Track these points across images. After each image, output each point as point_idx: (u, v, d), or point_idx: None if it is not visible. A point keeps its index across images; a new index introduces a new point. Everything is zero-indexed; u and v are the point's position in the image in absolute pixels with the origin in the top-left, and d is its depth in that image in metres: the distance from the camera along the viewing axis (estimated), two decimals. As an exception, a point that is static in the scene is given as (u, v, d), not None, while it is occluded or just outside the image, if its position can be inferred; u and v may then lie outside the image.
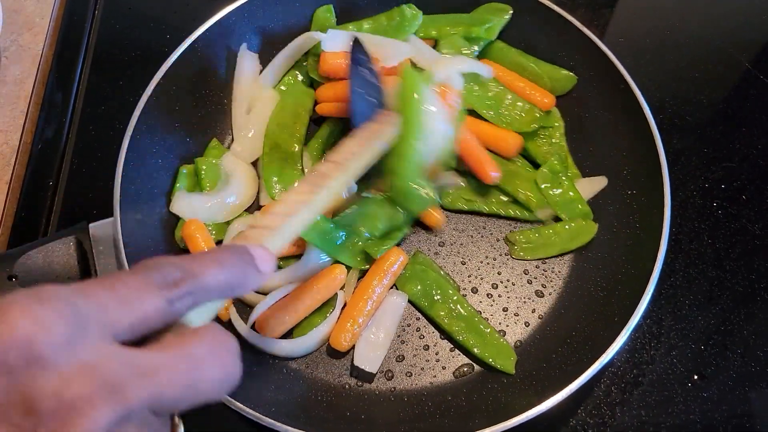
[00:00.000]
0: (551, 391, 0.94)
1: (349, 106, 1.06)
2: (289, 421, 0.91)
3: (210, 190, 1.15)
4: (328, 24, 1.28)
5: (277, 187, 1.16)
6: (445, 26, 1.27)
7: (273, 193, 1.15)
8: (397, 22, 1.25)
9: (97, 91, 1.33)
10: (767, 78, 1.41)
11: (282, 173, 1.17)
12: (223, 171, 1.17)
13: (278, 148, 1.19)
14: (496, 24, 1.27)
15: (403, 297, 1.10)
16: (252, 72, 1.26)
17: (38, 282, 0.95)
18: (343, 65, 1.18)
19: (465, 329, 1.06)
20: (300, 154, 1.21)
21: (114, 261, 1.00)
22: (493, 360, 1.04)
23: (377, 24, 1.27)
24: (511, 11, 1.28)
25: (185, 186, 1.15)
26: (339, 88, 1.19)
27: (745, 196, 1.27)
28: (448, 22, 1.27)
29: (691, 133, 1.33)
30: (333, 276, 1.07)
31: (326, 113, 1.22)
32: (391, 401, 1.03)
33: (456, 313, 1.07)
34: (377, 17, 1.28)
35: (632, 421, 1.06)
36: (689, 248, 1.21)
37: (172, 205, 1.11)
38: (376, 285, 1.08)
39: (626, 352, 1.11)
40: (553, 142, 1.23)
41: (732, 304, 1.16)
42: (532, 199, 1.17)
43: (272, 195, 1.15)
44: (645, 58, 1.42)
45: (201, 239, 1.08)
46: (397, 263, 1.10)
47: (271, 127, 1.20)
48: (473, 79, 1.21)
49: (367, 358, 1.04)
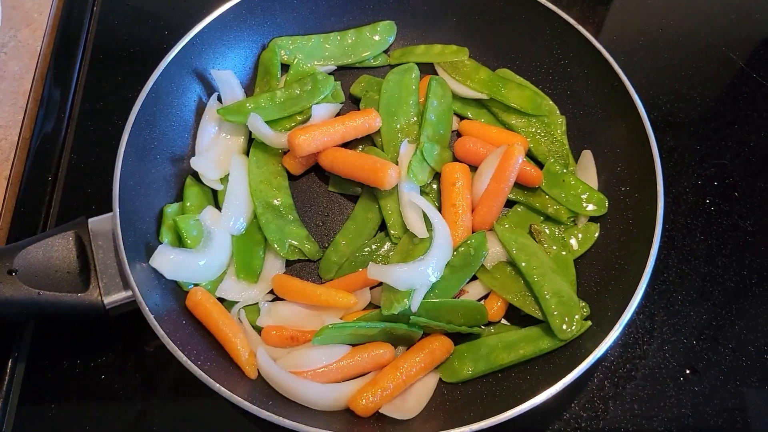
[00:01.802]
0: (545, 384, 0.95)
1: None
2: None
3: (193, 247, 1.10)
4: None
5: (287, 244, 1.14)
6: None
7: (285, 251, 1.14)
8: (309, 89, 1.25)
9: (96, 87, 1.33)
10: (759, 76, 1.42)
11: (284, 230, 1.15)
12: (205, 228, 1.12)
13: (269, 206, 1.17)
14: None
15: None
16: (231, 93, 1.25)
17: (38, 276, 0.97)
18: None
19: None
20: (291, 205, 1.20)
21: (113, 255, 1.01)
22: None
23: (290, 92, 1.25)
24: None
25: (169, 240, 1.10)
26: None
27: (737, 193, 1.28)
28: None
29: (684, 130, 1.35)
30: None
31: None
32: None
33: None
34: (290, 85, 1.26)
35: (625, 415, 1.07)
36: (682, 244, 1.22)
37: (153, 259, 1.04)
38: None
39: (619, 347, 1.13)
40: (555, 139, 1.24)
41: (724, 300, 1.17)
42: (561, 212, 1.18)
43: (285, 254, 1.14)
44: (639, 56, 1.43)
45: (209, 305, 1.06)
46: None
47: (254, 186, 1.18)
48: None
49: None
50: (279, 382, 1.00)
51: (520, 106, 1.25)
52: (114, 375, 1.06)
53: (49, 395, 1.05)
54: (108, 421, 1.04)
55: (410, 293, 1.03)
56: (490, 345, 1.06)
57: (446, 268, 1.08)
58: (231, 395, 0.92)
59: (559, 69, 1.29)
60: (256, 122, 1.17)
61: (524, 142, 1.22)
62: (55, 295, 0.97)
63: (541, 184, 1.19)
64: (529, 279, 1.08)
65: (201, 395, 1.04)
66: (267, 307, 1.09)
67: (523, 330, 1.08)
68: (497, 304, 1.10)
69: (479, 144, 1.20)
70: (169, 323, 0.98)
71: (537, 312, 1.07)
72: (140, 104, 1.11)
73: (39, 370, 1.07)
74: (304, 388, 1.00)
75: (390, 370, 1.03)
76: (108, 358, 1.08)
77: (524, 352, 1.04)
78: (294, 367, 1.02)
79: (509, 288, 1.11)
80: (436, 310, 1.06)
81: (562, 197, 1.18)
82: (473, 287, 1.13)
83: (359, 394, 0.99)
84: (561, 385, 0.94)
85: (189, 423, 1.05)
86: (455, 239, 1.11)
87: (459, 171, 1.17)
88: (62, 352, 1.08)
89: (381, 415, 1.00)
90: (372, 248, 1.16)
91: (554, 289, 1.06)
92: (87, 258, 1.01)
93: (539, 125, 1.25)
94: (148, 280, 1.03)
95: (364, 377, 1.04)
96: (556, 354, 1.04)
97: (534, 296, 1.08)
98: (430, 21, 1.34)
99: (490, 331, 1.10)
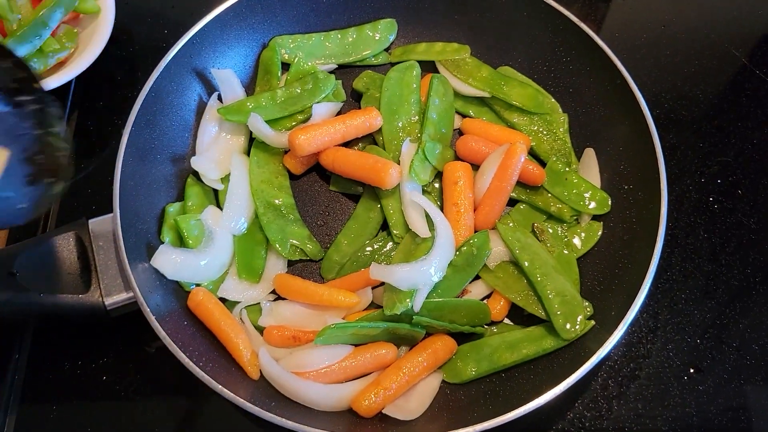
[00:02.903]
0: (549, 385, 0.95)
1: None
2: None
3: (195, 247, 1.10)
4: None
5: (289, 244, 1.14)
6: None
7: (287, 251, 1.13)
8: (310, 87, 1.24)
9: (96, 86, 1.33)
10: (763, 73, 1.42)
11: (285, 230, 1.15)
12: (206, 228, 1.11)
13: (271, 206, 1.16)
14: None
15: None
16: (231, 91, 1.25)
17: (39, 277, 0.97)
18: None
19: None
20: (293, 204, 1.20)
21: (114, 256, 1.01)
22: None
23: (291, 91, 1.24)
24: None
25: (170, 240, 1.10)
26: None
27: (741, 190, 1.28)
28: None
29: (686, 127, 1.34)
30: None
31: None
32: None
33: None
34: (290, 84, 1.26)
35: (629, 414, 1.07)
36: (685, 242, 1.22)
37: (154, 259, 1.04)
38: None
39: (623, 346, 1.12)
40: (557, 137, 1.23)
41: (727, 298, 1.17)
42: (564, 211, 1.17)
43: (287, 254, 1.13)
44: (641, 54, 1.43)
45: (211, 306, 1.06)
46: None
47: (255, 185, 1.17)
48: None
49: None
50: (281, 383, 1.00)
51: (522, 104, 1.24)
52: (115, 376, 1.06)
53: (51, 396, 1.05)
54: (109, 421, 1.04)
55: (413, 293, 1.02)
56: (493, 345, 1.06)
57: (449, 268, 1.08)
58: (233, 396, 0.91)
59: (561, 66, 1.28)
60: (256, 122, 1.16)
61: (526, 141, 1.21)
62: (56, 297, 0.97)
63: (544, 182, 1.18)
64: (532, 278, 1.08)
65: (202, 396, 1.04)
66: (269, 306, 1.09)
67: (526, 330, 1.08)
68: (500, 303, 1.10)
69: (481, 142, 1.20)
70: (171, 324, 0.98)
71: (540, 311, 1.07)
72: (140, 104, 1.10)
73: (40, 371, 1.07)
74: (307, 388, 0.99)
75: (393, 370, 1.02)
76: (109, 359, 1.08)
77: (527, 352, 1.04)
78: (296, 368, 1.01)
79: (512, 287, 1.10)
80: (438, 310, 1.06)
81: (565, 195, 1.17)
82: (476, 287, 1.13)
83: (362, 395, 0.99)
84: (565, 386, 0.94)
85: (190, 424, 1.05)
86: (457, 238, 1.11)
87: (461, 170, 1.16)
88: (63, 353, 1.08)
89: (384, 415, 1.00)
90: (374, 248, 1.15)
91: (557, 289, 1.06)
92: (88, 259, 1.01)
93: (541, 123, 1.25)
94: (150, 280, 1.02)
95: (367, 377, 1.04)
96: (559, 354, 1.04)
97: (537, 296, 1.07)
98: (432, 19, 1.34)
99: (492, 331, 1.10)
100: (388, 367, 1.03)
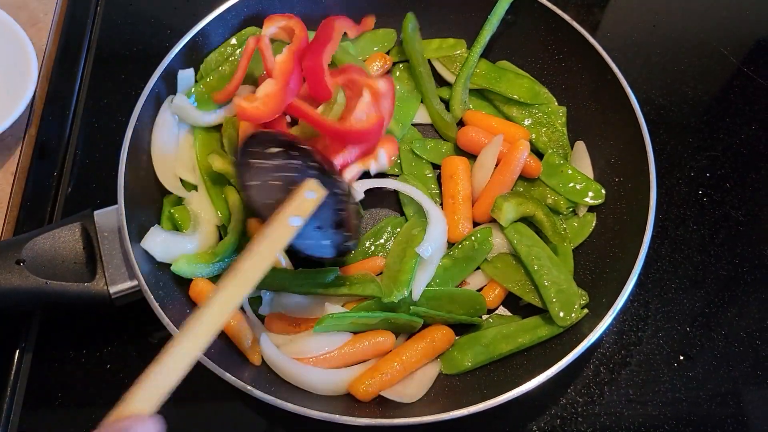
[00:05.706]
0: (542, 369, 0.97)
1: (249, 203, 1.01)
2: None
3: (185, 230, 1.12)
4: None
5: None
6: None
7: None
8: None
9: (100, 85, 1.36)
10: (750, 70, 1.45)
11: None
12: (191, 213, 1.14)
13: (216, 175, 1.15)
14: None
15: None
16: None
17: (45, 266, 0.99)
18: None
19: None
20: None
21: (118, 246, 1.03)
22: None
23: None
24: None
25: (168, 229, 1.12)
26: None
27: (729, 183, 1.31)
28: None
29: (676, 123, 1.38)
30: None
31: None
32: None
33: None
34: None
35: (620, 400, 1.09)
36: (675, 234, 1.25)
37: (144, 241, 1.05)
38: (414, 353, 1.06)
39: (614, 334, 1.15)
40: (556, 129, 1.26)
41: (716, 288, 1.20)
42: (561, 203, 1.20)
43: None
44: (632, 52, 1.46)
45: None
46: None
47: (202, 158, 1.17)
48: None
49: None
50: (282, 368, 1.02)
51: (519, 95, 1.27)
52: (120, 364, 1.09)
53: (56, 384, 1.07)
54: (113, 408, 1.06)
55: (410, 281, 1.05)
56: (489, 336, 1.08)
57: (448, 259, 1.11)
58: (235, 380, 0.94)
59: (554, 64, 1.31)
60: (182, 102, 1.17)
61: (525, 134, 1.24)
62: (61, 285, 0.99)
63: (540, 174, 1.21)
64: (529, 268, 1.10)
65: (206, 382, 1.06)
66: (269, 297, 1.11)
67: (521, 321, 1.10)
68: (495, 291, 1.13)
69: (481, 134, 1.22)
70: (174, 312, 1.00)
71: (537, 300, 1.09)
72: (143, 102, 1.13)
73: (46, 359, 1.09)
74: (307, 373, 1.02)
75: (391, 357, 1.05)
76: (114, 348, 1.10)
77: (522, 341, 1.06)
78: (297, 354, 1.04)
79: (510, 277, 1.13)
80: (436, 300, 1.09)
81: (561, 187, 1.20)
82: (474, 278, 1.15)
83: (360, 380, 1.02)
84: (556, 369, 0.96)
85: (193, 409, 1.07)
86: (455, 231, 1.14)
87: (458, 164, 1.19)
88: (69, 342, 1.10)
89: (381, 399, 1.02)
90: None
91: (554, 278, 1.08)
92: (93, 249, 1.03)
93: (540, 115, 1.27)
94: (153, 270, 1.05)
95: (365, 363, 1.06)
96: (552, 340, 1.06)
97: (534, 285, 1.10)
98: (427, 18, 1.35)
99: (489, 321, 1.12)
100: (386, 354, 1.06)
